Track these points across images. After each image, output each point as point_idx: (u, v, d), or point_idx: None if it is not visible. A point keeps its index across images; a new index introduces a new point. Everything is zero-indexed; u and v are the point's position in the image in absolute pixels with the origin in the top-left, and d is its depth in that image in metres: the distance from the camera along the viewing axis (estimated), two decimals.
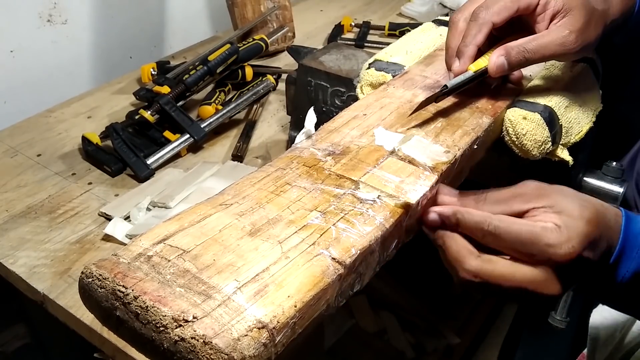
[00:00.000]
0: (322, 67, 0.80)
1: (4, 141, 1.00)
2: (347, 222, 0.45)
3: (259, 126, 1.06)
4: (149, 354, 0.38)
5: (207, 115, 1.02)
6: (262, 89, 1.05)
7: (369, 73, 0.69)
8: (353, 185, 0.48)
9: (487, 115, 0.59)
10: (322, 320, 0.42)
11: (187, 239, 0.42)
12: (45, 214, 0.84)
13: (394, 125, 0.57)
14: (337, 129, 0.57)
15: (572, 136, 0.65)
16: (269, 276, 0.39)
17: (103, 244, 0.79)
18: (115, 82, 1.20)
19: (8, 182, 0.91)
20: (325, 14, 1.54)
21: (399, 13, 1.54)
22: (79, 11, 1.23)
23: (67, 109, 1.10)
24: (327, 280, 0.40)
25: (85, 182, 0.91)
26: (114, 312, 0.38)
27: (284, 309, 0.37)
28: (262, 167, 0.51)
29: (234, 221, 0.44)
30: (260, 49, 1.16)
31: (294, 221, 0.44)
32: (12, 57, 1.14)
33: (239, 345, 0.35)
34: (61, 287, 0.73)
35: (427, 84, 0.65)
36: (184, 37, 1.47)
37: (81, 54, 1.27)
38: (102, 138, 0.97)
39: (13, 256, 0.77)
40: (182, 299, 0.37)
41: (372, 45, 1.33)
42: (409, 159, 0.52)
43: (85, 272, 0.40)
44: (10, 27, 1.12)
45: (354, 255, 0.42)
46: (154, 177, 0.92)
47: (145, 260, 0.40)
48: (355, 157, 0.52)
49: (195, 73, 1.04)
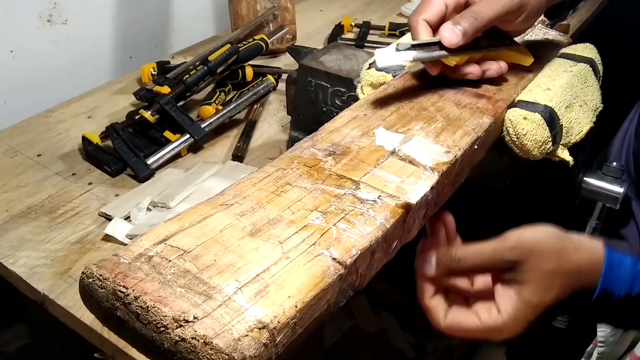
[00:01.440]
0: (322, 67, 0.80)
1: (4, 141, 1.00)
2: (348, 222, 0.45)
3: (259, 126, 1.06)
4: (150, 354, 0.38)
5: (207, 115, 1.02)
6: (263, 89, 1.05)
7: (369, 73, 0.69)
8: (354, 186, 0.48)
9: (487, 116, 0.59)
10: (323, 320, 0.42)
11: (187, 239, 0.42)
12: (46, 214, 0.84)
13: (395, 125, 0.57)
14: (337, 129, 0.57)
15: (572, 136, 0.65)
16: (269, 276, 0.39)
17: (103, 244, 0.79)
18: (115, 82, 1.20)
19: (8, 182, 0.91)
20: (325, 14, 1.54)
21: (399, 13, 1.54)
22: (79, 11, 1.23)
23: (67, 109, 1.10)
24: (327, 281, 0.40)
25: (86, 182, 0.91)
26: (115, 313, 0.38)
27: (285, 309, 0.37)
28: (263, 167, 0.51)
29: (235, 221, 0.44)
30: (260, 49, 1.16)
31: (294, 221, 0.44)
32: (12, 57, 1.14)
33: (239, 346, 0.35)
34: (61, 287, 0.73)
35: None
36: (184, 37, 1.47)
37: (81, 54, 1.27)
38: (102, 138, 0.97)
39: (13, 256, 0.77)
40: (182, 299, 0.37)
41: (372, 45, 1.33)
42: (410, 159, 0.52)
43: (86, 273, 0.40)
44: (10, 27, 1.12)
45: (354, 256, 0.42)
46: (154, 177, 0.92)
47: (145, 261, 0.40)
48: (356, 157, 0.52)
49: (196, 73, 1.04)
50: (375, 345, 1.23)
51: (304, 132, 0.86)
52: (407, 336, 1.25)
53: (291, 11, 1.33)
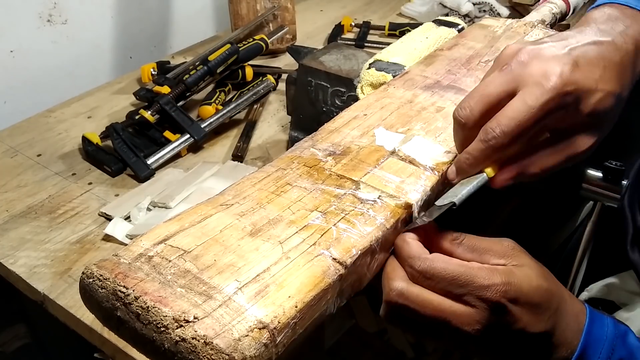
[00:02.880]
0: (322, 67, 0.80)
1: (4, 141, 1.00)
2: (348, 222, 0.45)
3: (259, 126, 1.06)
4: (150, 354, 0.38)
5: (207, 115, 1.02)
6: (262, 89, 1.05)
7: (369, 73, 0.70)
8: (354, 186, 0.48)
9: None
10: (323, 320, 0.42)
11: (187, 239, 0.42)
12: (46, 214, 0.84)
13: (395, 125, 0.57)
14: (337, 129, 0.57)
15: None
16: (269, 276, 0.39)
17: (103, 244, 0.79)
18: (115, 82, 1.20)
19: (8, 182, 0.91)
20: (325, 14, 1.54)
21: (399, 13, 1.53)
22: (79, 11, 1.23)
23: (67, 109, 1.10)
24: (327, 281, 0.40)
25: (86, 182, 0.91)
26: (115, 313, 0.38)
27: (285, 309, 0.37)
28: (263, 168, 0.51)
29: (235, 221, 0.44)
30: (260, 49, 1.15)
31: (294, 221, 0.44)
32: (12, 57, 1.14)
33: (239, 346, 0.35)
34: (61, 287, 0.73)
35: (427, 84, 0.65)
36: (184, 37, 1.47)
37: (81, 54, 1.27)
38: (102, 138, 0.97)
39: (13, 256, 0.77)
40: (183, 300, 0.37)
41: (372, 45, 1.33)
42: (410, 159, 0.52)
43: (86, 273, 0.40)
44: (10, 27, 1.12)
45: (354, 256, 0.42)
46: (154, 177, 0.92)
47: (146, 261, 0.40)
48: (356, 157, 0.52)
49: (196, 73, 1.04)
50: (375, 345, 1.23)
51: (304, 132, 0.86)
52: (407, 336, 1.25)
53: (291, 11, 1.33)
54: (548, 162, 0.50)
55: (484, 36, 0.79)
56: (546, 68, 0.47)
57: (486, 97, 0.48)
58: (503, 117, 0.47)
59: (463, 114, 0.49)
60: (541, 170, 0.50)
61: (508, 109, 0.47)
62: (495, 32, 0.80)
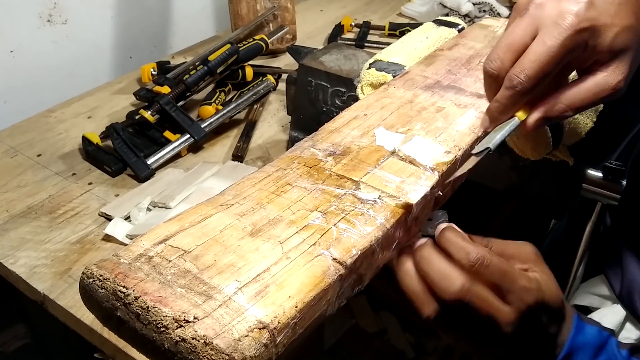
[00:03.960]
0: (322, 67, 0.80)
1: (4, 141, 1.00)
2: (348, 222, 0.45)
3: (259, 126, 1.06)
4: (150, 354, 0.38)
5: (207, 115, 1.02)
6: (263, 89, 1.05)
7: (369, 73, 0.69)
8: (354, 186, 0.48)
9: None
10: (323, 320, 0.42)
11: (187, 240, 0.42)
12: (46, 214, 0.84)
13: (395, 125, 0.57)
14: (337, 129, 0.57)
15: (573, 136, 0.65)
16: (269, 276, 0.39)
17: (103, 244, 0.79)
18: (115, 82, 1.20)
19: (8, 182, 0.91)
20: (325, 14, 1.54)
21: (399, 13, 1.54)
22: (79, 11, 1.23)
23: (67, 109, 1.10)
24: (328, 281, 0.40)
25: (86, 182, 0.91)
26: (115, 313, 0.38)
27: (285, 309, 0.37)
28: (263, 168, 0.51)
29: (235, 221, 0.44)
30: (260, 49, 1.16)
31: (294, 221, 0.44)
32: (12, 57, 1.14)
33: (239, 346, 0.35)
34: (61, 287, 0.73)
35: (427, 84, 0.65)
36: (184, 37, 1.47)
37: (81, 54, 1.27)
38: (102, 138, 0.97)
39: (13, 256, 0.77)
40: (183, 300, 0.37)
41: (372, 45, 1.33)
42: (410, 159, 0.52)
43: (86, 273, 0.40)
44: (10, 27, 1.12)
45: (354, 256, 0.42)
46: (154, 177, 0.92)
47: (146, 261, 0.40)
48: (356, 157, 0.52)
49: (196, 73, 1.04)
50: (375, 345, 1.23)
51: (304, 132, 0.86)
52: (407, 336, 1.25)
53: (291, 11, 1.33)
54: (576, 99, 0.51)
55: (484, 36, 0.79)
56: (562, 8, 0.48)
57: (512, 45, 0.50)
58: (526, 61, 0.48)
59: (495, 66, 0.50)
60: (570, 108, 0.51)
61: (530, 53, 0.49)
62: (496, 32, 0.80)
